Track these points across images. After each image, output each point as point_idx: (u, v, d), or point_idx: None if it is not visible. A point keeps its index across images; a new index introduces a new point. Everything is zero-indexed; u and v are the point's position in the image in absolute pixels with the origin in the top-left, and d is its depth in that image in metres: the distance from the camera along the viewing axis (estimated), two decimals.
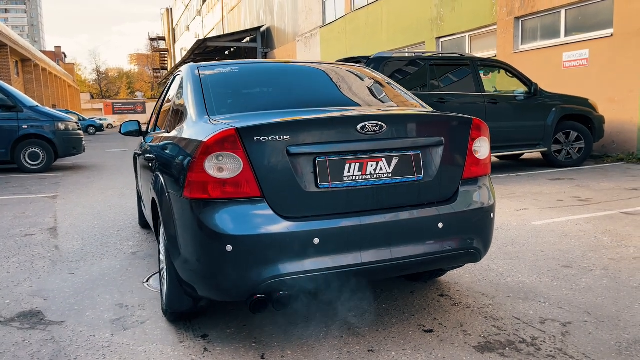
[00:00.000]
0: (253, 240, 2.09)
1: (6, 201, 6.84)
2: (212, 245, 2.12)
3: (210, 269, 2.16)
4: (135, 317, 2.84)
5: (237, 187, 2.13)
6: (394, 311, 2.86)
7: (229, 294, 2.18)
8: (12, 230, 5.05)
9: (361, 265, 2.22)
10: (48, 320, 2.84)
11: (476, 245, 2.50)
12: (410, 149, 2.37)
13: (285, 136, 2.15)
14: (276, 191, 2.15)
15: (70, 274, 3.63)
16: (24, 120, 10.04)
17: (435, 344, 2.46)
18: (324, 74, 3.22)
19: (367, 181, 2.27)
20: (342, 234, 2.19)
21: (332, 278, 2.21)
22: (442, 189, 2.44)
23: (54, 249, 4.31)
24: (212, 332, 2.63)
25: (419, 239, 2.33)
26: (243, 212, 2.13)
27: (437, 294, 3.10)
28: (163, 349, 2.47)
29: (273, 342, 2.52)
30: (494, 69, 8.55)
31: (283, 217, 2.15)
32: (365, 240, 2.23)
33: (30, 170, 10.14)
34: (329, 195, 2.21)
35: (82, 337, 2.61)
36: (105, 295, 3.19)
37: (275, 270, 2.12)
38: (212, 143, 2.12)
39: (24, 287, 3.38)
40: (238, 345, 2.48)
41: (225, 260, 2.11)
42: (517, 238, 4.31)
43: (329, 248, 2.17)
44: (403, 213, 2.32)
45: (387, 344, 2.46)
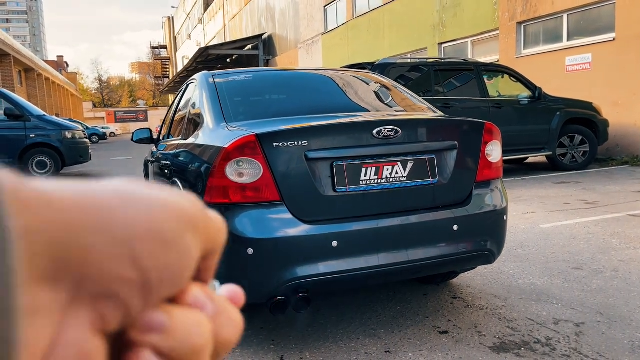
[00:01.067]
0: (273, 243, 2.14)
1: None
2: (233, 249, 2.17)
3: (231, 272, 2.20)
4: None
5: (257, 192, 2.18)
6: (408, 313, 2.89)
7: (250, 296, 2.22)
8: None
9: (378, 267, 2.26)
10: None
11: (490, 247, 2.54)
12: (425, 152, 2.42)
13: (303, 142, 2.20)
14: (295, 195, 2.20)
15: None
16: (31, 130, 10.13)
17: (451, 345, 2.50)
18: (335, 80, 3.27)
19: (384, 185, 2.32)
20: (359, 237, 2.24)
21: (350, 280, 2.25)
22: (456, 192, 2.49)
23: None
24: None
25: (435, 241, 2.38)
26: (263, 216, 2.18)
27: (450, 296, 3.13)
28: None
29: (291, 344, 2.56)
30: (497, 74, 8.62)
31: (302, 220, 2.20)
32: (382, 243, 2.27)
33: None
34: (346, 199, 2.26)
35: None
36: None
37: (295, 273, 2.16)
38: (233, 149, 2.17)
39: None
40: (257, 348, 2.52)
41: (247, 263, 2.15)
42: (526, 241, 4.35)
43: (347, 251, 2.22)
44: (419, 216, 2.37)
45: (403, 345, 2.50)
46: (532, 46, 11.53)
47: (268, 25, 28.89)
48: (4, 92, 10.24)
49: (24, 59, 34.20)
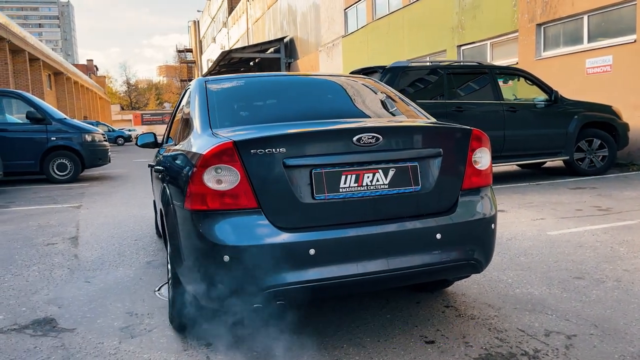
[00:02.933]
0: (249, 250, 2.14)
1: (33, 211, 7.08)
2: (210, 256, 2.18)
3: (209, 279, 2.21)
4: (143, 325, 2.91)
5: (235, 199, 2.18)
6: (397, 321, 2.86)
7: (227, 303, 2.23)
8: (35, 240, 5.22)
9: (359, 275, 2.24)
10: (60, 327, 2.93)
11: (477, 256, 2.49)
12: (408, 160, 2.39)
13: (281, 149, 2.20)
14: (273, 202, 2.20)
15: (86, 282, 3.74)
16: (53, 132, 10.37)
17: (435, 356, 2.45)
18: (330, 86, 3.26)
19: (364, 192, 2.30)
20: (338, 245, 2.22)
21: (329, 288, 2.23)
22: (441, 199, 2.45)
23: (73, 258, 4.44)
24: (217, 341, 2.68)
25: (417, 249, 2.34)
26: (240, 223, 2.18)
27: (443, 305, 3.08)
28: (167, 356, 2.53)
29: (273, 352, 2.55)
30: (513, 77, 8.47)
31: (279, 228, 2.19)
32: (362, 251, 2.25)
33: (58, 181, 10.45)
34: (325, 206, 2.25)
35: (91, 344, 2.69)
36: (117, 304, 3.28)
37: (272, 281, 2.15)
38: (210, 156, 2.18)
39: (41, 295, 3.50)
40: (240, 355, 2.52)
41: (223, 270, 2.16)
42: (530, 248, 4.25)
43: (326, 259, 2.20)
44: (400, 224, 2.34)
45: (386, 355, 2.47)
46: (552, 48, 11.31)
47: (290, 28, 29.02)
48: (26, 96, 10.51)
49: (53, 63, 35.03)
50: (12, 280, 3.83)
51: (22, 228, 5.86)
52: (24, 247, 4.88)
